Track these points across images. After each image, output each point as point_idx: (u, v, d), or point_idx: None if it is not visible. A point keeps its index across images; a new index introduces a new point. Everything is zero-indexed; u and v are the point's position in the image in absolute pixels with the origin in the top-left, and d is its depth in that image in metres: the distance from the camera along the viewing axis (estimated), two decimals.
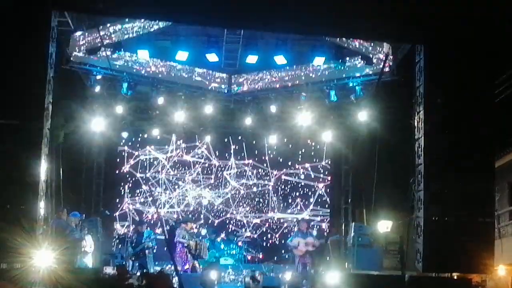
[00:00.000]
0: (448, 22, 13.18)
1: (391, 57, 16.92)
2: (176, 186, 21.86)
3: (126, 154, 21.57)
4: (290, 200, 22.21)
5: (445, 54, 13.41)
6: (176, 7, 12.74)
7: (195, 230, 18.62)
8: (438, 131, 13.33)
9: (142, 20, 16.34)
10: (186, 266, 17.27)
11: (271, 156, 22.19)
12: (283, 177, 22.24)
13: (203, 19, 13.78)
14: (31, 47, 11.91)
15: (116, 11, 13.97)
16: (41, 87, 11.99)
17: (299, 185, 22.22)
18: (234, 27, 16.02)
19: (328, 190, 22.14)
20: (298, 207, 22.07)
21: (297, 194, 22.21)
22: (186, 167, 21.98)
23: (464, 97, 13.29)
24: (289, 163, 22.27)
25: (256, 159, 22.22)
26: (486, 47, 13.43)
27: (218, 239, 20.19)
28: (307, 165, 22.19)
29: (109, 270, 15.63)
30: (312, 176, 22.15)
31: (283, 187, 22.28)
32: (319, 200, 22.09)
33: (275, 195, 22.23)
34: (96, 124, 18.73)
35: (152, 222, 21.17)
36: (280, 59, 16.93)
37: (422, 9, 12.97)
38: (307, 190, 22.18)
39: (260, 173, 22.26)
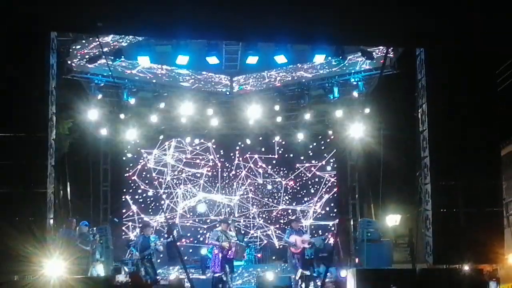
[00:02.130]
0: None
1: (392, 50, 16.88)
2: (181, 189, 21.92)
3: (130, 159, 21.65)
4: (300, 197, 22.25)
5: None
6: (175, 24, 12.70)
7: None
8: (442, 123, 13.27)
9: None
10: (217, 269, 16.85)
11: (280, 152, 22.23)
12: (292, 181, 22.29)
13: (202, 34, 13.77)
14: (32, 59, 11.93)
15: (115, 30, 13.97)
16: (44, 98, 11.98)
17: (309, 182, 22.25)
18: (233, 40, 16.02)
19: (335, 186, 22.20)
20: (310, 203, 22.09)
21: (308, 191, 22.25)
22: (193, 170, 22.06)
23: (467, 87, 13.23)
24: (301, 158, 22.31)
25: (263, 157, 22.26)
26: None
27: None
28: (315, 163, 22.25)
29: (122, 278, 15.50)
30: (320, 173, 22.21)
31: (292, 184, 22.30)
32: (331, 197, 22.14)
33: (285, 193, 22.25)
34: (100, 131, 18.75)
35: (157, 227, 21.12)
36: (280, 59, 16.83)
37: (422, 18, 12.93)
38: (317, 187, 22.21)
39: (269, 172, 22.31)
